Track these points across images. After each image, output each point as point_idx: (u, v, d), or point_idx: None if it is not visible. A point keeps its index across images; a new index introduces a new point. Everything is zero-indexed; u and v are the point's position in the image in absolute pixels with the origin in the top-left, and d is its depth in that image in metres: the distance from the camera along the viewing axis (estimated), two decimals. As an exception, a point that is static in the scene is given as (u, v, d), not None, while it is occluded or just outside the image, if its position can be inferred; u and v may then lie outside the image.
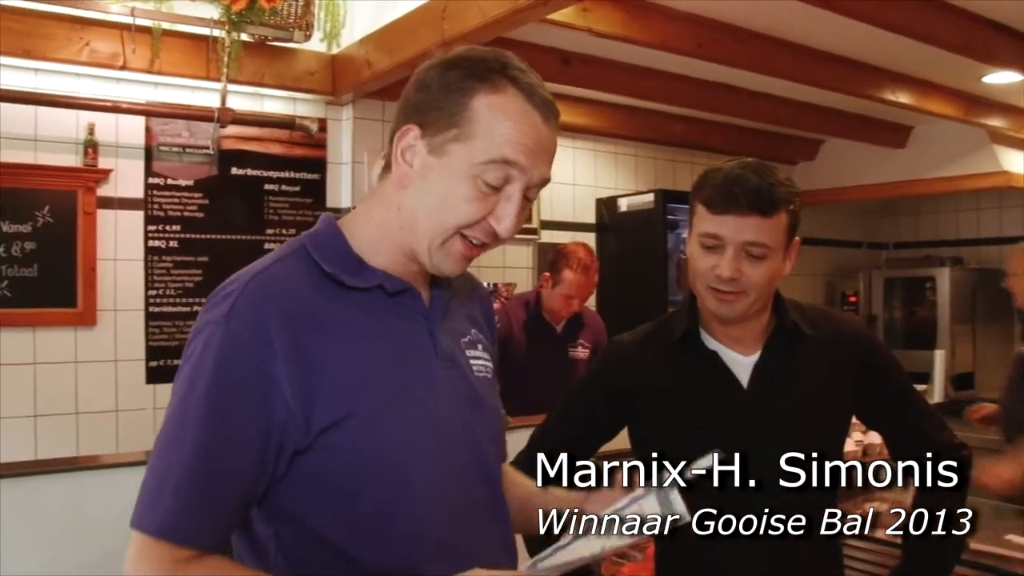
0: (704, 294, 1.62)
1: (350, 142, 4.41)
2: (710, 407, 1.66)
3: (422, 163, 1.16)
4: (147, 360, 3.94)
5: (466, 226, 1.16)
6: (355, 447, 1.13)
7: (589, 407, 1.83)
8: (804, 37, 4.08)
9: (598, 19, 3.41)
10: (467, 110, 1.13)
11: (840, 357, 1.68)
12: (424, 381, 1.21)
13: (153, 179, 3.96)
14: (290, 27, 3.85)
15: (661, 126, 5.54)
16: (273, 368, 1.09)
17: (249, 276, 1.16)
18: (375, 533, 1.16)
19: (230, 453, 1.09)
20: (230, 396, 1.09)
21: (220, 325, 1.10)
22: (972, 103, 5.08)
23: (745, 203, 1.54)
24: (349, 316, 1.17)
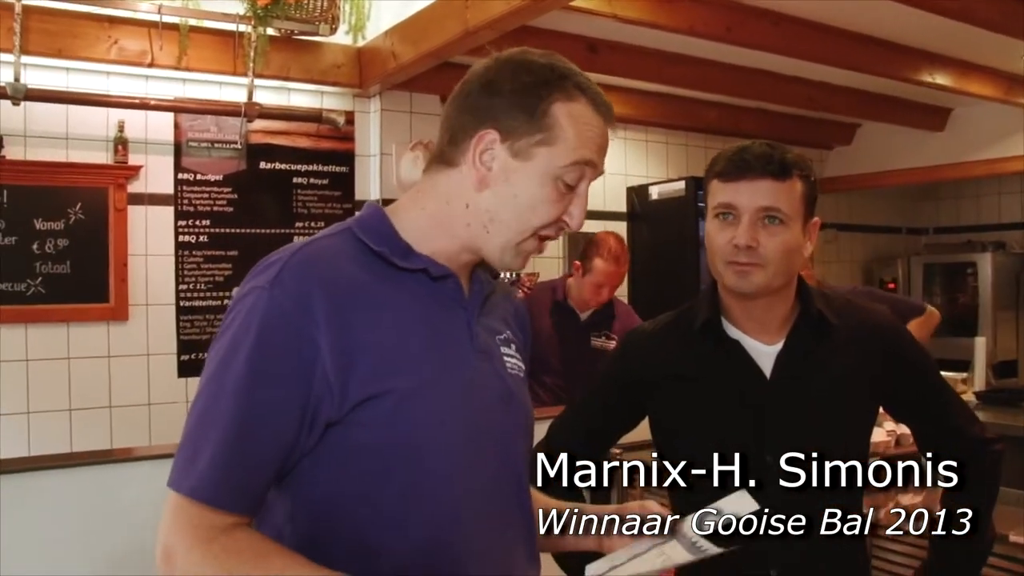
0: (723, 271, 1.59)
1: (378, 134, 4.41)
2: (732, 398, 1.62)
3: (503, 166, 1.19)
4: (179, 354, 3.98)
5: (545, 226, 1.22)
6: (387, 425, 1.13)
7: (607, 398, 1.80)
8: (837, 19, 4.00)
9: (623, 5, 3.37)
10: (548, 116, 1.18)
11: (866, 348, 1.63)
12: (459, 370, 1.22)
13: (182, 175, 3.99)
14: (316, 20, 3.85)
15: (692, 113, 5.47)
16: (316, 336, 1.10)
17: (295, 248, 1.17)
18: (398, 521, 1.16)
19: (269, 419, 1.09)
20: (271, 362, 1.10)
21: (264, 291, 1.11)
22: (1013, 83, 4.96)
23: (758, 167, 1.53)
24: (392, 296, 1.18)
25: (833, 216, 6.58)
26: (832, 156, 6.64)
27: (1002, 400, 4.06)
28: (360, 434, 1.14)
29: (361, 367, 1.12)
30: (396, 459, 1.15)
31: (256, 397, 1.09)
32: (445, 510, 1.18)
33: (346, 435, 1.14)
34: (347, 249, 1.19)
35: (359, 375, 1.12)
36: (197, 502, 1.07)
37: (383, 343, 1.14)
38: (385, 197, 4.39)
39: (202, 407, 1.11)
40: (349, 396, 1.12)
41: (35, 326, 3.70)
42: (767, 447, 1.54)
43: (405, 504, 1.16)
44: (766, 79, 4.89)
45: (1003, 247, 6.33)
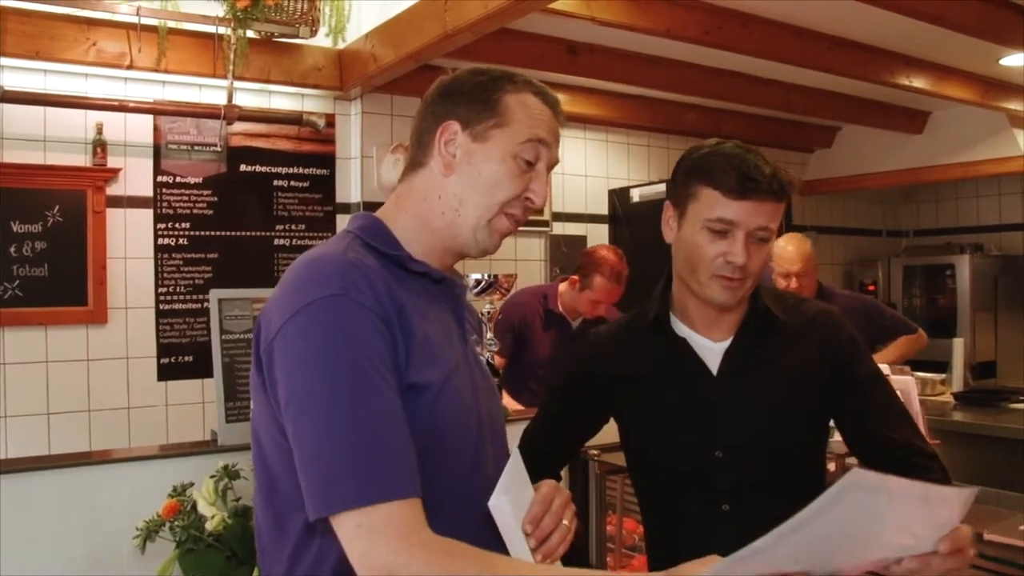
0: (707, 282, 1.57)
1: (359, 136, 4.41)
2: (681, 395, 1.64)
3: (465, 151, 1.31)
4: (158, 357, 3.96)
5: (509, 201, 1.31)
6: (429, 415, 1.20)
7: (568, 399, 1.83)
8: (814, 22, 4.02)
9: (601, 8, 3.38)
10: (501, 103, 1.31)
11: (808, 343, 1.63)
12: (465, 365, 1.32)
13: (162, 177, 3.98)
14: (296, 23, 3.85)
15: (673, 115, 5.50)
16: (391, 330, 1.18)
17: (331, 256, 1.21)
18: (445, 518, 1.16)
19: (387, 406, 1.12)
20: (370, 359, 1.13)
21: (340, 300, 1.15)
22: (990, 86, 5.00)
23: (766, 189, 1.52)
24: (411, 296, 1.26)
25: (813, 219, 6.62)
26: (812, 159, 6.68)
27: (980, 401, 4.08)
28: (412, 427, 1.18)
29: (413, 357, 1.20)
30: (439, 450, 1.22)
31: (374, 390, 1.12)
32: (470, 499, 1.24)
33: None
34: (364, 253, 1.26)
35: (410, 363, 1.19)
36: (389, 504, 1.06)
37: (422, 337, 1.22)
38: (366, 200, 4.39)
39: (321, 427, 1.10)
40: (403, 383, 1.18)
41: (12, 329, 3.68)
42: (716, 442, 1.58)
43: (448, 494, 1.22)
44: (745, 82, 4.92)
45: (981, 249, 6.38)
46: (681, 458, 1.63)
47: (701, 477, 1.60)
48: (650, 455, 1.71)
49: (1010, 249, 6.56)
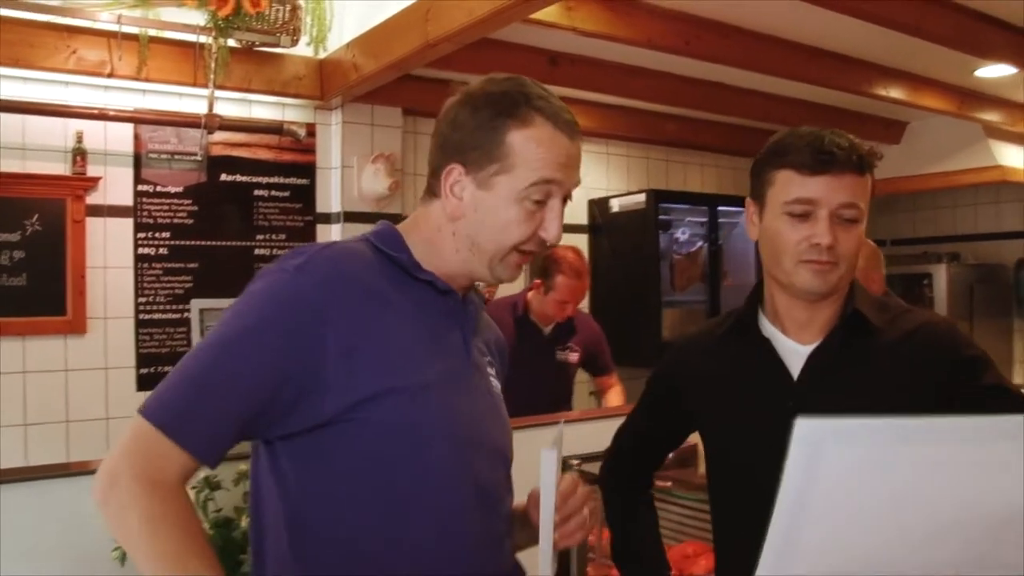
0: (794, 270, 1.46)
1: (339, 146, 4.40)
2: (758, 400, 1.52)
3: (471, 196, 1.29)
4: (137, 367, 3.94)
5: (521, 243, 1.29)
6: (397, 423, 1.20)
7: (654, 404, 1.77)
8: (792, 33, 4.06)
9: (583, 18, 3.40)
10: (503, 145, 1.26)
11: (909, 358, 1.48)
12: (458, 378, 1.31)
13: (142, 186, 3.96)
14: (277, 32, 3.84)
15: (652, 125, 5.53)
16: (326, 331, 1.16)
17: (323, 244, 1.27)
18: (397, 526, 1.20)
19: (247, 377, 1.15)
20: (273, 330, 1.16)
21: (289, 273, 1.19)
22: (965, 97, 5.06)
23: (844, 160, 1.43)
24: (403, 301, 1.26)
25: (793, 228, 6.65)
26: (792, 169, 6.71)
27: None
28: (367, 434, 1.19)
29: (372, 363, 1.19)
30: (401, 457, 1.21)
31: (243, 353, 1.15)
32: (442, 516, 1.24)
33: (351, 436, 1.19)
34: (367, 255, 1.28)
35: (369, 370, 1.18)
36: (156, 431, 1.11)
37: (394, 343, 1.22)
38: (347, 210, 4.38)
39: (189, 353, 1.18)
40: (357, 390, 1.17)
41: (-10, 339, 3.65)
42: None
43: (407, 504, 1.21)
44: (725, 92, 4.95)
45: (957, 258, 6.44)
46: (751, 472, 1.45)
47: (770, 495, 1.48)
48: (722, 465, 1.62)
49: (986, 258, 6.62)
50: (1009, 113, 5.39)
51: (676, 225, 5.59)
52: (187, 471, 1.13)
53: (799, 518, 0.92)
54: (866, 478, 0.92)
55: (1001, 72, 4.56)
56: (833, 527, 0.95)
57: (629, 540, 1.80)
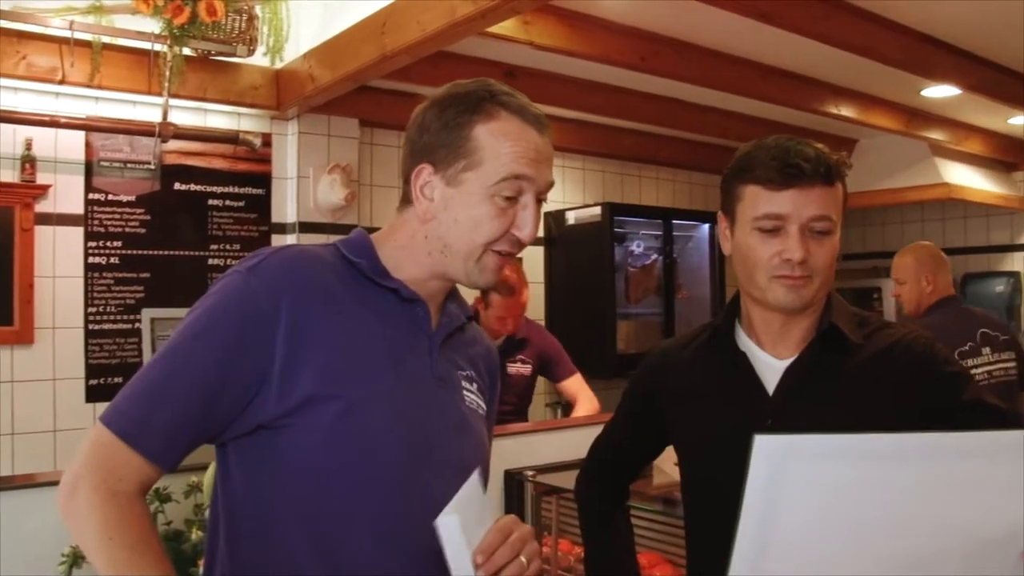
0: (768, 286, 1.44)
1: (295, 157, 4.38)
2: (732, 415, 1.48)
3: (441, 195, 1.27)
4: (87, 378, 3.87)
5: (494, 241, 1.26)
6: (332, 431, 1.17)
7: (631, 415, 1.75)
8: (746, 51, 4.13)
9: (539, 32, 3.43)
10: (470, 140, 1.24)
11: (887, 374, 1.45)
12: (414, 389, 1.26)
13: (93, 195, 3.90)
14: (233, 42, 3.82)
15: (609, 140, 5.58)
16: (274, 331, 1.16)
17: (282, 247, 1.27)
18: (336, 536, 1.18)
19: (191, 376, 1.15)
20: (221, 329, 1.16)
21: (242, 275, 1.20)
22: (912, 116, 5.19)
23: (811, 173, 1.39)
24: (359, 308, 1.24)
25: (746, 242, 6.74)
26: (745, 184, 6.81)
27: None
28: (303, 439, 1.17)
29: (313, 367, 1.17)
30: (342, 466, 1.18)
31: (196, 357, 1.15)
32: (381, 530, 1.20)
33: (287, 441, 1.17)
34: (328, 259, 1.27)
35: (309, 374, 1.17)
36: (115, 439, 1.11)
37: (340, 349, 1.20)
38: (302, 220, 4.36)
39: (149, 360, 1.20)
40: (295, 393, 1.16)
41: (-66, 349, 3.56)
42: None
43: (348, 506, 1.19)
44: (681, 108, 5.01)
45: (906, 273, 6.56)
46: (723, 488, 1.36)
47: None
48: (697, 479, 1.59)
49: (933, 273, 6.76)
50: (954, 132, 5.53)
51: (631, 238, 5.63)
52: (147, 477, 1.15)
53: (763, 531, 0.92)
54: (828, 493, 0.92)
55: (946, 92, 4.67)
56: (798, 541, 0.94)
57: (604, 552, 1.78)
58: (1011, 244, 6.47)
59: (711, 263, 5.93)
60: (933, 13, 3.63)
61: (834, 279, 1.49)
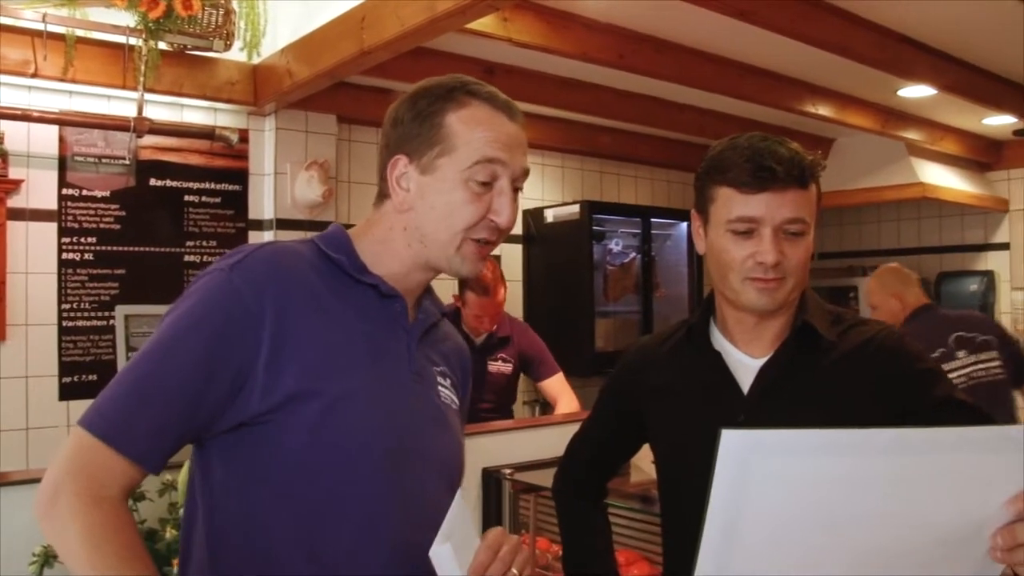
0: (741, 288, 1.44)
1: (272, 153, 4.34)
2: (708, 413, 1.47)
3: (417, 184, 1.28)
4: (60, 376, 3.81)
5: (471, 227, 1.26)
6: (314, 428, 1.17)
7: (607, 411, 1.75)
8: (725, 49, 4.14)
9: (518, 29, 3.42)
10: (443, 127, 1.26)
11: (861, 371, 1.45)
12: (394, 385, 1.28)
13: (67, 190, 3.86)
14: (210, 36, 3.78)
15: (588, 138, 5.58)
16: (260, 326, 1.16)
17: (263, 244, 1.27)
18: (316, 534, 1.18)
19: (176, 375, 1.14)
20: (202, 327, 1.16)
21: (224, 272, 1.19)
22: (889, 116, 5.22)
23: (784, 176, 1.39)
24: (341, 304, 1.25)
25: (724, 241, 6.76)
26: (723, 183, 6.84)
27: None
28: (286, 436, 1.17)
29: (296, 364, 1.17)
30: (323, 463, 1.18)
31: (178, 357, 1.15)
32: (363, 526, 1.21)
33: (270, 438, 1.17)
34: (308, 256, 1.27)
35: (292, 372, 1.17)
36: (98, 442, 1.09)
37: (322, 346, 1.20)
38: (279, 217, 4.33)
39: (133, 358, 1.17)
40: (278, 390, 1.16)
41: (-97, 346, 3.51)
42: None
43: (328, 506, 1.19)
44: (659, 106, 5.02)
45: (882, 271, 6.61)
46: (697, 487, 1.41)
47: None
48: (672, 478, 1.58)
49: (908, 272, 6.82)
50: (930, 132, 5.57)
51: (610, 236, 5.64)
52: (131, 481, 1.13)
53: (730, 527, 0.92)
54: (795, 489, 0.92)
55: (922, 93, 4.70)
56: (765, 536, 0.94)
57: (582, 549, 1.78)
58: (985, 243, 6.53)
59: (689, 261, 5.95)
60: (910, 13, 3.65)
61: (808, 278, 1.49)
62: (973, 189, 6.15)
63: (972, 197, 6.11)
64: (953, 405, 1.44)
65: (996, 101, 4.74)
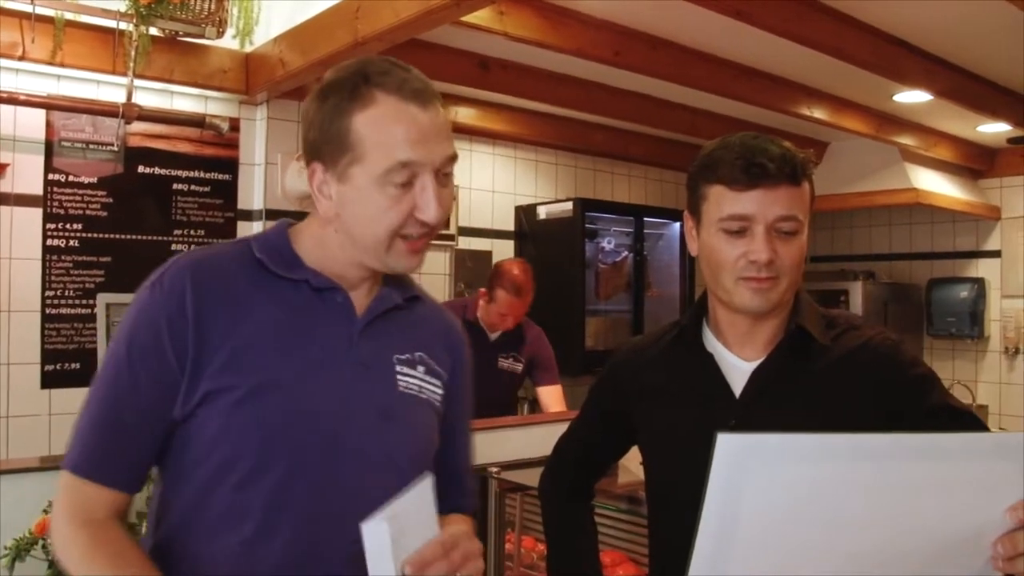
0: (733, 288, 1.42)
1: (263, 143, 4.30)
2: (697, 417, 1.46)
3: (336, 193, 1.24)
4: (42, 364, 3.76)
5: (396, 229, 1.22)
6: (226, 421, 1.19)
7: (596, 412, 1.73)
8: (721, 49, 4.12)
9: (515, 23, 3.39)
10: (350, 133, 1.20)
11: (855, 375, 1.44)
12: (321, 376, 1.24)
13: (53, 175, 3.80)
14: (202, 23, 3.73)
15: (581, 135, 5.55)
16: (185, 329, 1.19)
17: (184, 254, 1.30)
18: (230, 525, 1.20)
19: (129, 400, 1.20)
20: (137, 348, 1.20)
21: (146, 290, 1.23)
22: (883, 120, 5.21)
23: (776, 173, 1.37)
24: (261, 301, 1.24)
25: (715, 242, 6.75)
26: (716, 184, 6.83)
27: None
28: (200, 431, 1.19)
29: (214, 363, 1.19)
30: (232, 461, 1.18)
31: (123, 378, 1.20)
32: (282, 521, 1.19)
33: (188, 435, 1.21)
34: (236, 256, 1.27)
35: (210, 370, 1.19)
36: (77, 478, 1.19)
37: (239, 343, 1.21)
38: (269, 207, 4.29)
39: (89, 392, 1.23)
40: (198, 390, 1.19)
41: None
42: None
43: (237, 512, 1.19)
44: (653, 104, 5.00)
45: (873, 276, 6.61)
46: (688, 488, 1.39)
47: None
48: (661, 480, 1.56)
49: (899, 277, 6.82)
50: (924, 138, 5.56)
51: (602, 234, 5.61)
52: (117, 504, 1.21)
53: (725, 532, 0.91)
54: (790, 493, 0.92)
55: (917, 98, 4.69)
56: (759, 541, 0.93)
57: (567, 550, 1.76)
58: (976, 250, 6.52)
59: (681, 262, 5.92)
60: (904, 16, 3.63)
61: (802, 280, 1.47)
62: (965, 196, 6.14)
63: (964, 204, 6.10)
64: (949, 411, 1.42)
65: (992, 108, 4.73)
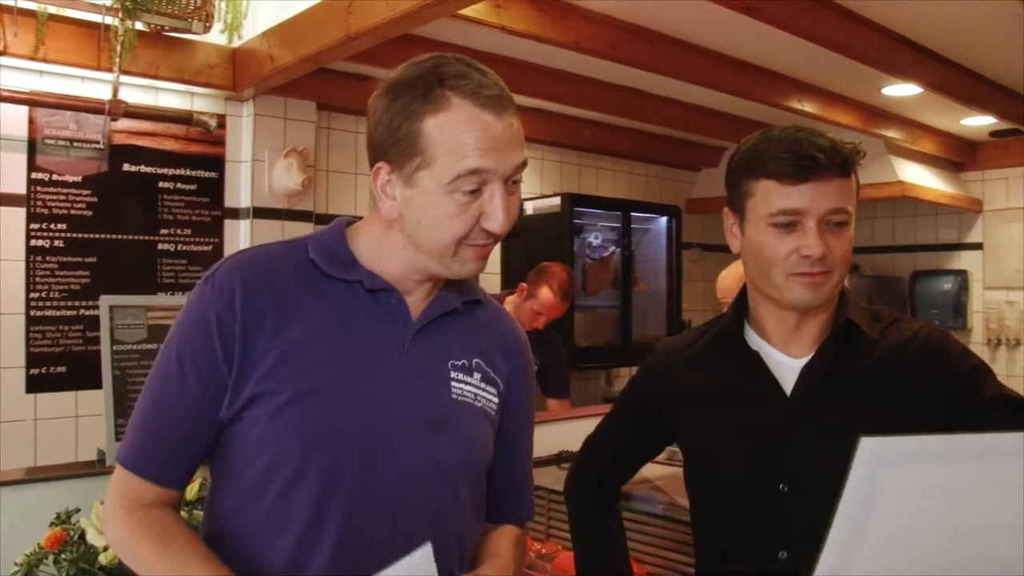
0: (785, 284, 1.39)
1: (250, 139, 4.22)
2: (747, 417, 1.43)
3: (401, 196, 1.20)
4: (27, 367, 3.67)
5: (462, 237, 1.19)
6: (270, 425, 1.16)
7: (631, 415, 1.68)
8: (716, 43, 4.10)
9: (512, 17, 3.34)
10: (420, 136, 1.15)
11: (907, 368, 1.41)
12: (373, 383, 1.21)
13: (37, 174, 3.71)
14: (189, 17, 3.65)
15: (569, 130, 5.52)
16: (233, 328, 1.18)
17: (238, 252, 1.28)
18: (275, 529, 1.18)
19: (177, 399, 1.20)
20: (188, 345, 1.20)
21: (200, 288, 1.23)
22: (871, 114, 5.22)
23: (827, 165, 1.34)
24: (311, 303, 1.22)
25: (700, 236, 6.76)
26: (699, 177, 6.84)
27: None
28: (247, 435, 1.18)
29: (260, 366, 1.18)
30: (274, 465, 1.16)
31: (172, 375, 1.20)
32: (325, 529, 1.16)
33: (234, 437, 1.20)
34: (290, 256, 1.25)
35: (256, 374, 1.18)
36: (127, 472, 1.21)
37: (285, 347, 1.19)
38: (256, 205, 4.21)
39: (144, 387, 1.25)
40: (244, 392, 1.17)
41: None
42: (781, 473, 1.38)
43: (281, 518, 1.16)
44: (644, 99, 4.99)
45: (857, 269, 6.63)
46: (739, 491, 1.41)
47: (759, 515, 1.40)
48: (709, 484, 1.52)
49: (882, 270, 6.85)
50: (910, 131, 5.58)
51: (589, 230, 5.58)
52: (162, 496, 1.22)
53: (856, 535, 0.90)
54: (922, 496, 0.90)
55: (905, 91, 4.70)
56: (892, 546, 0.92)
57: (597, 558, 1.72)
58: (959, 243, 6.57)
59: (668, 256, 5.91)
60: (907, 12, 3.62)
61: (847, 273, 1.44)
62: (948, 189, 6.18)
63: (948, 197, 6.14)
64: (1007, 403, 1.39)
65: (979, 101, 4.75)
